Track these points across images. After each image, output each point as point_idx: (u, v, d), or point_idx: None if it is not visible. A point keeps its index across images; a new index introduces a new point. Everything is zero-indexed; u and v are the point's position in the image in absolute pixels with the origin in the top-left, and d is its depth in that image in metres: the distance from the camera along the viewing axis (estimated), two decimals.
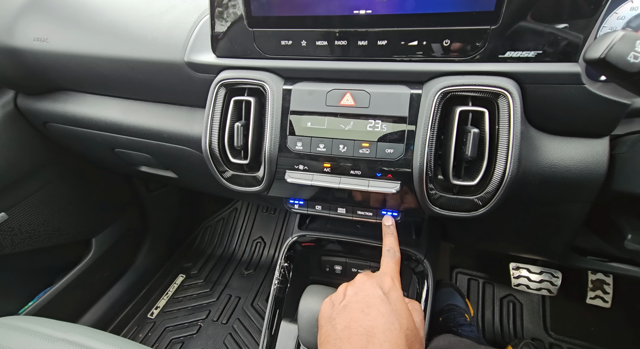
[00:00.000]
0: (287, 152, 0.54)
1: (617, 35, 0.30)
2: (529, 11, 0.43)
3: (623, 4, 0.48)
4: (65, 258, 1.05)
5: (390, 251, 0.52)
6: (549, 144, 0.49)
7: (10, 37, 0.67)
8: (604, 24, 0.50)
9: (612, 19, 0.49)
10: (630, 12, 0.48)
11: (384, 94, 0.51)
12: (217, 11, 0.53)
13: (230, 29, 0.54)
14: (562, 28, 0.43)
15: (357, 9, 0.48)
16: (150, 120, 0.71)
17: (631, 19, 0.49)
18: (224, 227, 1.59)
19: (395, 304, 0.43)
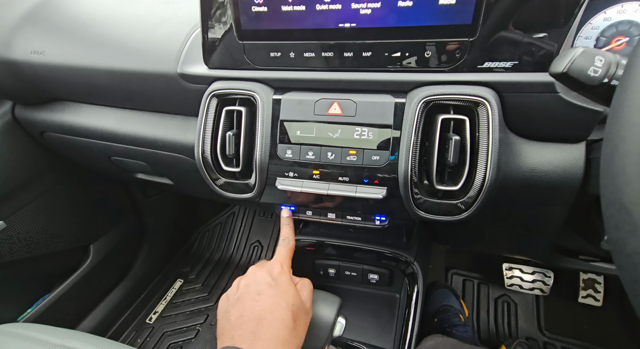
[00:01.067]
0: (278, 160, 0.56)
1: (578, 51, 0.32)
2: (505, 24, 0.45)
3: (596, 15, 0.51)
4: (63, 265, 1.06)
5: (284, 240, 0.58)
6: (528, 149, 0.51)
7: (8, 50, 0.69)
8: (579, 34, 0.52)
9: (587, 28, 0.52)
10: (603, 23, 0.51)
11: (370, 103, 0.52)
12: (208, 24, 0.55)
13: (221, 42, 0.56)
14: (537, 39, 0.45)
15: (342, 23, 0.50)
16: (145, 129, 0.72)
17: (605, 29, 0.51)
18: (221, 232, 1.61)
19: (282, 286, 0.48)
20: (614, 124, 0.23)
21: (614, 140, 0.23)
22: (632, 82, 0.23)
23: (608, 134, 0.24)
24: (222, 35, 0.55)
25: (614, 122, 0.23)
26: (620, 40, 0.51)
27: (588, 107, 0.45)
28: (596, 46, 0.52)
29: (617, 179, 0.22)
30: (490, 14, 0.44)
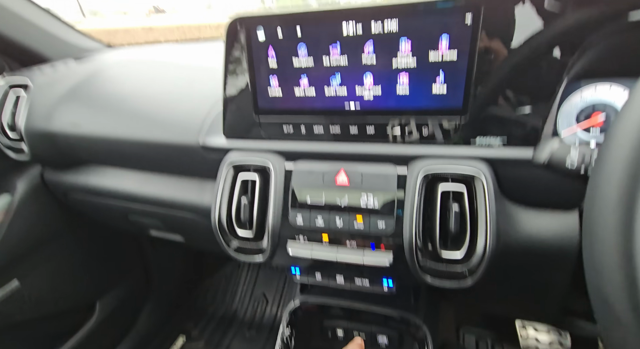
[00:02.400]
0: (289, 226, 0.59)
1: (555, 145, 0.36)
2: (492, 105, 0.51)
3: (574, 94, 0.57)
4: (69, 323, 1.05)
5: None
6: (525, 216, 0.54)
7: (48, 124, 0.77)
8: (561, 110, 0.58)
9: (567, 105, 0.57)
10: (580, 102, 0.57)
11: (374, 174, 0.57)
12: (229, 102, 0.62)
13: (240, 117, 0.62)
14: (523, 118, 0.50)
15: (348, 104, 0.57)
16: (164, 190, 0.77)
17: (583, 106, 0.57)
18: (226, 284, 1.58)
19: None
20: (587, 224, 0.26)
21: (591, 237, 0.26)
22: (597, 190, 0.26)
23: (584, 229, 0.27)
24: (241, 111, 0.62)
25: (587, 222, 0.27)
26: (599, 116, 0.56)
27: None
28: (577, 121, 0.57)
29: (598, 274, 0.25)
30: (478, 99, 0.51)
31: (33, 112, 0.77)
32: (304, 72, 0.56)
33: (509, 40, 0.48)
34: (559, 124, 0.58)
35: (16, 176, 0.85)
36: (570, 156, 0.35)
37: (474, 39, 0.48)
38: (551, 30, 0.46)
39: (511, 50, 0.48)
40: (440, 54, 0.50)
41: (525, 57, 0.48)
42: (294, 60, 0.55)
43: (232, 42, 0.58)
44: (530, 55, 0.48)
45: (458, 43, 0.49)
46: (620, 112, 0.28)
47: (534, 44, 0.47)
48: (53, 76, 0.81)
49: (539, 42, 0.47)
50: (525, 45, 0.48)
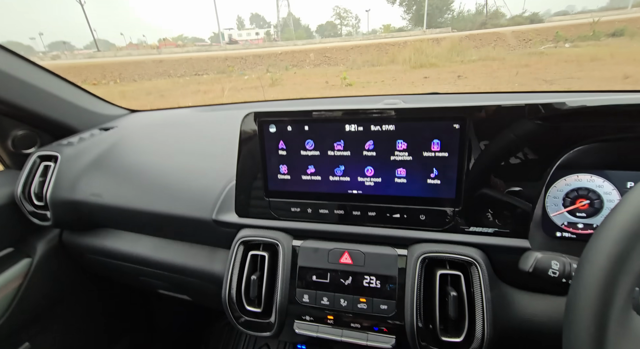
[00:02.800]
0: (296, 304, 0.62)
1: (538, 255, 0.41)
2: (483, 197, 0.56)
3: (559, 180, 0.62)
4: None
5: None
6: (522, 299, 0.57)
7: (72, 193, 0.83)
8: (549, 194, 0.63)
9: (554, 190, 0.62)
10: (565, 187, 0.61)
11: (376, 254, 0.61)
12: (241, 184, 0.68)
13: (251, 197, 0.68)
14: (512, 208, 0.55)
15: (351, 189, 0.62)
16: (177, 257, 0.81)
17: (567, 191, 0.62)
18: (228, 334, 1.57)
19: None
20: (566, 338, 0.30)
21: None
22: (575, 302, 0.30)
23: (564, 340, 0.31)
24: (252, 193, 0.67)
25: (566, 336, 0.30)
26: (583, 201, 0.61)
27: None
28: (564, 205, 0.62)
29: None
30: (470, 191, 0.56)
31: (59, 183, 0.83)
32: (311, 163, 0.62)
33: (494, 142, 0.54)
34: (548, 207, 0.62)
35: (37, 240, 0.90)
36: (552, 266, 0.39)
37: (462, 142, 0.54)
38: (531, 135, 0.52)
39: (498, 150, 0.54)
40: (432, 153, 0.56)
41: (511, 154, 0.53)
42: (302, 152, 0.62)
43: (246, 132, 0.64)
44: (515, 153, 0.53)
45: (448, 145, 0.55)
46: (589, 246, 0.33)
47: (517, 144, 0.53)
48: (79, 147, 0.88)
49: (521, 143, 0.53)
50: (510, 146, 0.53)
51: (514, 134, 0.53)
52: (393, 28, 41.38)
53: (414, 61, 8.17)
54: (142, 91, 7.48)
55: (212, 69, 11.47)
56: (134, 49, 26.69)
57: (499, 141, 0.54)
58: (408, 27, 41.06)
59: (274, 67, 10.63)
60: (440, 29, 23.92)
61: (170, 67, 12.01)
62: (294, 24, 67.22)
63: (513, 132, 0.53)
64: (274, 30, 64.18)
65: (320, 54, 12.21)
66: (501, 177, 0.55)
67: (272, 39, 51.08)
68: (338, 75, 6.73)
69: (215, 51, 19.20)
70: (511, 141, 0.53)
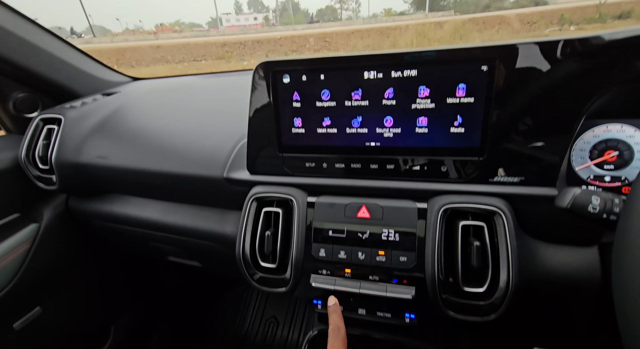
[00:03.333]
0: (312, 258, 0.61)
1: (577, 191, 0.39)
2: (509, 146, 0.53)
3: (586, 132, 0.59)
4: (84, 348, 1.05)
5: (334, 330, 0.54)
6: (546, 251, 0.56)
7: (77, 156, 0.81)
8: (574, 147, 0.60)
9: (580, 143, 0.60)
10: (593, 138, 0.59)
11: (395, 208, 0.59)
12: (253, 139, 0.65)
13: (263, 153, 0.65)
14: (540, 157, 0.53)
15: (368, 142, 0.59)
16: (186, 220, 0.80)
17: (595, 143, 0.59)
18: (236, 306, 1.58)
19: None
20: (617, 277, 0.28)
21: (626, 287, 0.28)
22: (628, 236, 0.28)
23: (615, 285, 0.29)
24: (265, 148, 0.65)
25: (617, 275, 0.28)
26: (611, 153, 0.58)
27: None
28: (591, 157, 0.60)
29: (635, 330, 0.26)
30: (496, 139, 0.53)
31: (63, 145, 0.81)
32: (327, 114, 0.59)
33: (524, 86, 0.51)
34: (573, 161, 0.60)
35: (44, 205, 0.88)
36: (592, 202, 0.37)
37: (489, 86, 0.51)
38: (564, 77, 0.49)
39: (527, 95, 0.51)
40: (457, 99, 0.53)
41: (542, 99, 0.51)
42: (317, 103, 0.59)
43: (258, 84, 0.61)
44: (546, 98, 0.51)
45: (474, 89, 0.52)
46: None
47: (549, 89, 0.50)
48: (83, 110, 0.85)
49: (554, 87, 0.50)
50: (540, 91, 0.51)
51: (544, 79, 0.50)
52: (394, 12, 40.49)
53: (415, 45, 8.00)
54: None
55: (210, 55, 11.25)
56: (130, 34, 26.14)
57: (527, 86, 0.51)
58: (410, 10, 40.17)
59: (273, 52, 10.43)
60: (442, 12, 23.38)
61: (168, 53, 11.79)
62: (293, 8, 65.72)
63: (543, 77, 0.50)
64: (273, 14, 62.81)
65: (320, 38, 11.97)
66: (528, 125, 0.52)
67: (270, 24, 50.03)
68: None
69: (213, 36, 18.80)
70: (540, 87, 0.50)
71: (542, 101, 0.51)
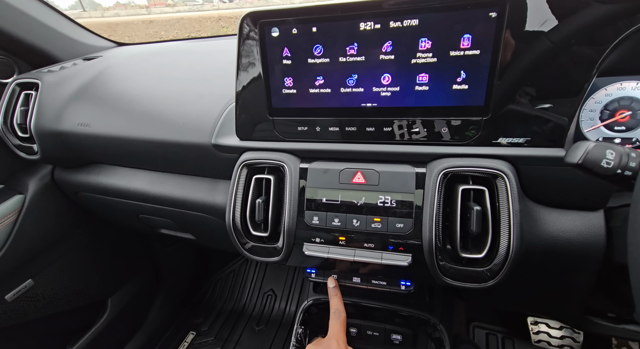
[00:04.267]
0: (305, 226, 0.58)
1: (590, 145, 0.35)
2: (516, 103, 0.49)
3: (598, 91, 0.55)
4: (80, 320, 1.06)
5: (335, 313, 0.55)
6: (548, 216, 0.53)
7: (58, 123, 0.77)
8: (584, 107, 0.56)
9: (591, 102, 0.56)
10: (605, 98, 0.55)
11: (392, 173, 0.56)
12: (241, 102, 0.61)
13: (253, 117, 0.61)
14: (547, 116, 0.49)
15: (364, 102, 0.55)
16: (176, 190, 0.77)
17: (607, 103, 0.55)
18: (234, 280, 1.59)
19: None
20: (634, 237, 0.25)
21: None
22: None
23: (630, 243, 0.26)
24: (254, 111, 0.61)
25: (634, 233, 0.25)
26: (624, 113, 0.54)
27: None
28: (601, 118, 0.56)
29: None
30: (501, 97, 0.49)
31: (42, 112, 0.76)
32: (320, 73, 0.55)
33: (534, 38, 0.46)
34: (582, 122, 0.56)
35: (28, 176, 0.85)
36: (607, 156, 0.34)
37: (497, 35, 0.47)
38: (580, 25, 0.45)
39: (537, 47, 0.46)
40: (461, 52, 0.48)
41: (552, 53, 0.46)
42: (309, 60, 0.54)
43: (245, 39, 0.56)
44: (557, 51, 0.46)
45: (481, 40, 0.47)
46: None
47: (561, 40, 0.46)
48: (61, 75, 0.80)
49: (567, 38, 0.45)
50: (553, 42, 0.46)
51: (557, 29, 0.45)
52: None
53: None
54: None
55: (205, 30, 10.83)
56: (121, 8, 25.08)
57: (536, 40, 0.46)
58: None
59: None
60: None
61: (162, 28, 11.33)
62: None
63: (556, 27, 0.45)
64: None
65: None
66: (537, 83, 0.48)
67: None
68: None
69: (207, 11, 18.04)
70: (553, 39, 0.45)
71: (552, 56, 0.46)
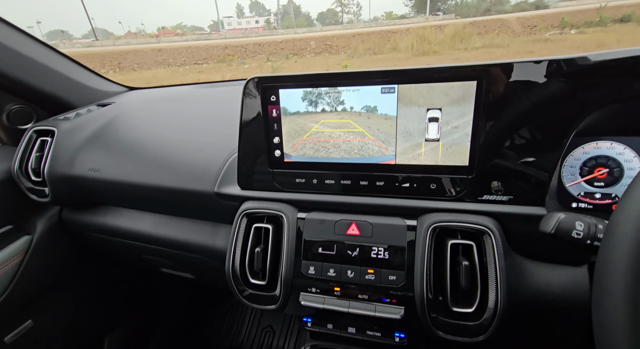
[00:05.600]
0: (301, 276, 0.61)
1: (561, 216, 0.38)
2: (498, 164, 0.53)
3: (576, 149, 0.59)
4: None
5: None
6: (535, 270, 0.55)
7: (70, 168, 0.81)
8: (565, 163, 0.60)
9: (570, 159, 0.59)
10: (583, 155, 0.59)
11: (385, 225, 0.59)
12: (243, 154, 0.65)
13: (254, 168, 0.65)
14: (527, 177, 0.53)
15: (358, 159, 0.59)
16: (178, 233, 0.80)
17: (585, 160, 0.59)
18: (232, 315, 1.57)
19: None
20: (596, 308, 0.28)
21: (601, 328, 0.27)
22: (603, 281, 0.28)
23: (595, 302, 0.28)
24: (255, 163, 0.65)
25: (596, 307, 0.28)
26: (602, 170, 0.58)
27: None
28: (581, 174, 0.59)
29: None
30: (484, 157, 0.53)
31: (56, 158, 0.81)
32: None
33: (511, 106, 0.51)
34: (564, 177, 0.60)
35: (37, 217, 0.88)
36: (576, 227, 0.37)
37: (477, 106, 0.51)
38: (551, 96, 0.49)
39: (514, 115, 0.51)
40: None
41: (528, 120, 0.51)
42: None
43: (248, 100, 0.61)
44: (532, 118, 0.50)
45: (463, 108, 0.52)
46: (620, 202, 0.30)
47: (535, 109, 0.50)
48: (76, 122, 0.86)
49: (540, 107, 0.50)
50: (527, 110, 0.50)
51: (531, 97, 0.50)
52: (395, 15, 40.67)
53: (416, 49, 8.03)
54: (141, 80, 7.41)
55: (212, 58, 11.31)
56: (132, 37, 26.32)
57: (515, 104, 0.51)
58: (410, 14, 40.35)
59: (275, 55, 10.47)
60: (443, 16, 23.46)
61: (170, 56, 11.85)
62: (294, 11, 66.07)
63: (530, 95, 0.50)
64: (274, 18, 63.12)
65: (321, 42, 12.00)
66: (516, 145, 0.52)
67: (272, 27, 50.29)
68: (339, 64, 6.63)
69: (214, 40, 18.92)
70: (528, 105, 0.50)
71: (529, 120, 0.51)
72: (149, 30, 44.38)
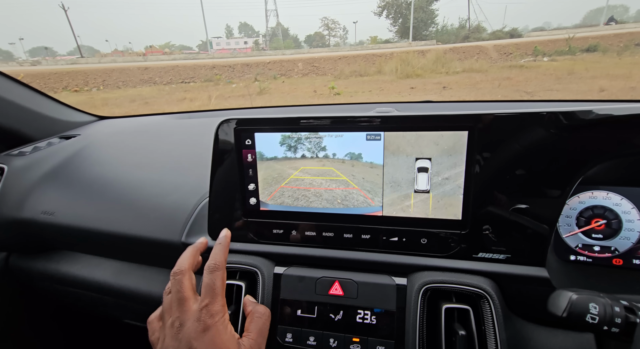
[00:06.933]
0: (277, 345, 0.53)
1: (572, 297, 0.33)
2: (493, 220, 0.48)
3: (572, 198, 0.56)
4: None
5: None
6: (538, 335, 0.50)
7: (19, 211, 0.72)
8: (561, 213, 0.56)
9: (566, 208, 0.56)
10: (579, 205, 0.55)
11: (371, 284, 0.53)
12: (214, 202, 0.59)
13: (226, 217, 0.59)
14: (524, 235, 0.48)
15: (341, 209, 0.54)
16: (141, 284, 0.71)
17: (581, 210, 0.55)
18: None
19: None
20: None
21: None
22: None
23: None
24: (228, 211, 0.58)
25: None
26: (599, 222, 0.54)
27: None
28: (577, 225, 0.55)
29: None
30: (478, 212, 0.48)
31: (4, 199, 0.72)
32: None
33: (506, 158, 0.47)
34: (560, 227, 0.56)
35: None
36: (590, 310, 0.32)
37: (469, 156, 0.47)
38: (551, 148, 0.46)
39: (509, 167, 0.47)
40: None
41: (523, 174, 0.47)
42: None
43: (220, 143, 0.56)
44: (530, 169, 0.47)
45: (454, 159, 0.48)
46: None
47: (529, 162, 0.46)
48: (31, 158, 0.77)
49: (535, 160, 0.46)
50: (522, 163, 0.47)
51: (528, 149, 0.46)
52: (380, 40, 42.37)
53: (400, 72, 8.30)
54: (125, 98, 7.28)
55: (199, 77, 11.31)
56: (119, 55, 26.24)
57: (510, 157, 0.47)
58: (394, 39, 42.13)
59: (262, 75, 10.59)
60: (425, 42, 24.59)
61: (156, 75, 11.79)
62: (283, 33, 67.92)
63: (527, 148, 0.46)
64: (263, 39, 64.64)
65: (308, 63, 12.26)
66: (513, 198, 0.48)
67: (260, 48, 51.36)
68: (326, 85, 6.73)
69: (202, 59, 19.05)
70: (524, 158, 0.46)
71: (525, 174, 0.47)
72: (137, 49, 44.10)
